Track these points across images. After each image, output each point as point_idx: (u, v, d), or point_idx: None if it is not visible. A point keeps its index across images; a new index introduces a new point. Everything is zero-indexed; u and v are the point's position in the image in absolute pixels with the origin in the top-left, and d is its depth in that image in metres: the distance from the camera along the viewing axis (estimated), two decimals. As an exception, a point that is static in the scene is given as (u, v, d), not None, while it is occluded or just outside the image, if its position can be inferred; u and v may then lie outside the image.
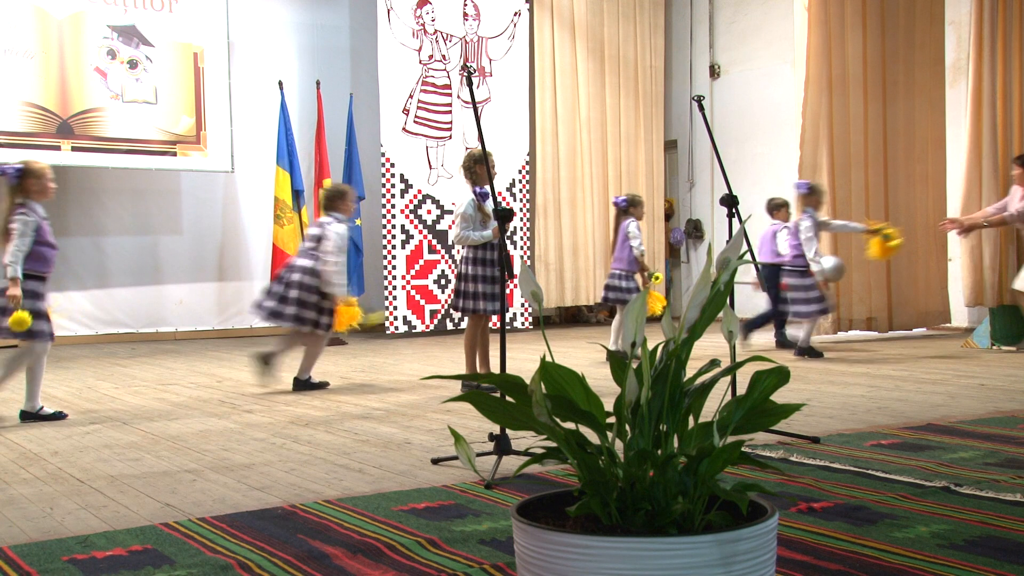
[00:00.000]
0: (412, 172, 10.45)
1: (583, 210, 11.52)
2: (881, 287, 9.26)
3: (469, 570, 2.47)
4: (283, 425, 4.90)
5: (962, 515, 2.89)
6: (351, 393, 6.09)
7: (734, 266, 1.85)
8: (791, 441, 4.11)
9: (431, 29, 10.57)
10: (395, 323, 10.31)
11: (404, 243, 10.39)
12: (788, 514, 2.92)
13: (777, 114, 11.25)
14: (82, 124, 9.32)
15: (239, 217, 10.77)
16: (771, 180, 11.11)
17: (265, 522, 2.98)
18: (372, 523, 2.94)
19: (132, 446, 4.39)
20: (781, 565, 2.38)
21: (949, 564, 2.44)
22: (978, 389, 5.78)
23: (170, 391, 6.30)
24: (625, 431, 1.78)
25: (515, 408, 1.79)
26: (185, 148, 9.86)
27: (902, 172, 9.39)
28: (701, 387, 1.82)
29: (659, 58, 12.17)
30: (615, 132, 11.76)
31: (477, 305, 5.78)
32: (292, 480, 3.64)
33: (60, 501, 3.37)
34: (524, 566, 1.72)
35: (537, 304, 1.90)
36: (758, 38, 11.74)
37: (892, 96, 9.29)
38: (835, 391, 5.76)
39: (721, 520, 1.71)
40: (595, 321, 12.39)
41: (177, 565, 2.56)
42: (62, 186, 10.02)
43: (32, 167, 5.16)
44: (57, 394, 6.19)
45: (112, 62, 9.46)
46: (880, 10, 9.23)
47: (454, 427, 3.26)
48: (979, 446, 3.99)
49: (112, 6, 9.44)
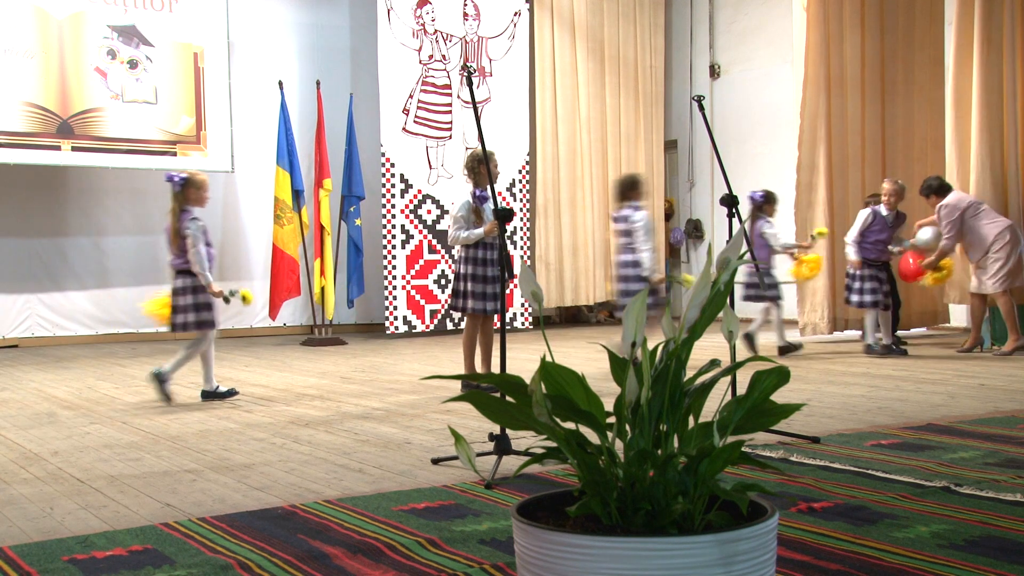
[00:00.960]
0: (412, 172, 10.45)
1: (583, 210, 11.52)
2: (881, 287, 9.25)
3: (469, 570, 2.47)
4: (283, 425, 4.90)
5: (962, 515, 2.89)
6: (351, 393, 6.09)
7: (734, 266, 1.85)
8: (791, 441, 4.11)
9: (431, 29, 10.57)
10: (395, 323, 10.31)
11: (404, 243, 10.39)
12: (788, 514, 2.92)
13: (777, 114, 11.24)
14: (82, 124, 9.32)
15: (239, 217, 10.77)
16: (771, 180, 11.10)
17: (265, 522, 2.98)
18: (372, 523, 2.94)
19: (132, 446, 4.39)
20: (781, 565, 2.38)
21: (949, 564, 2.44)
22: (978, 389, 5.78)
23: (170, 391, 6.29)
24: (625, 431, 1.78)
25: (515, 408, 1.79)
26: (185, 148, 9.86)
27: (901, 172, 9.37)
28: (701, 387, 1.82)
29: (659, 58, 12.17)
30: (615, 132, 11.76)
31: (467, 304, 5.82)
32: (292, 480, 3.64)
33: (60, 501, 3.37)
34: (524, 566, 1.72)
35: (537, 304, 1.90)
36: (758, 38, 11.74)
37: (891, 96, 9.29)
38: (835, 391, 5.76)
39: (721, 520, 1.71)
40: (595, 321, 12.39)
41: (177, 565, 2.56)
42: (62, 186, 10.08)
43: (195, 178, 5.75)
44: (57, 394, 6.19)
45: (112, 62, 9.45)
46: (879, 10, 9.23)
47: (454, 427, 3.26)
48: (979, 446, 3.99)
49: (112, 6, 9.43)
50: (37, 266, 9.87)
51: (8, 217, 9.68)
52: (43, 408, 5.61)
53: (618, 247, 6.60)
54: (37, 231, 9.86)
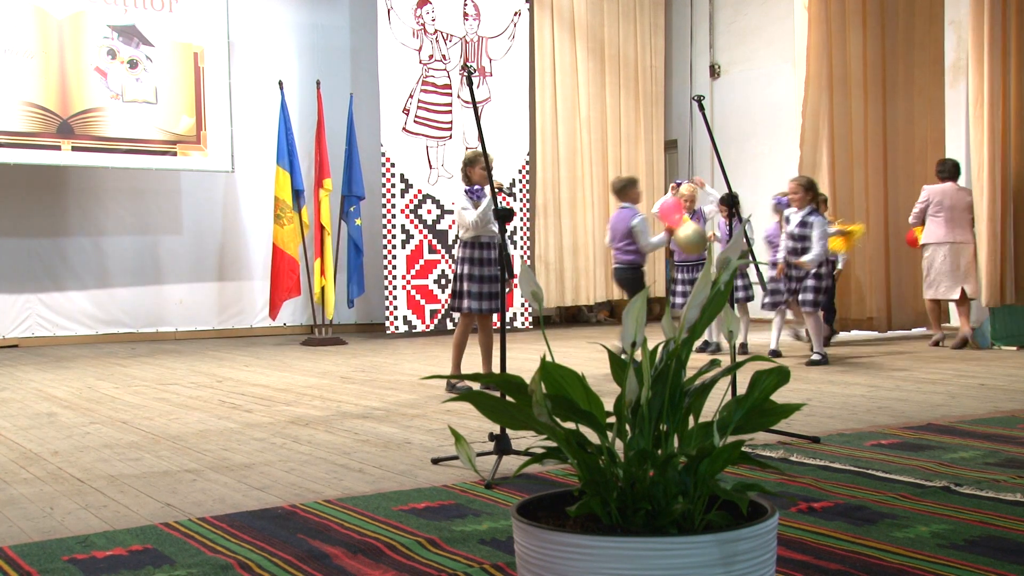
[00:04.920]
0: (412, 172, 10.45)
1: (583, 210, 11.52)
2: (880, 287, 9.27)
3: (469, 570, 2.47)
4: (283, 425, 4.90)
5: (962, 515, 2.89)
6: (351, 393, 6.09)
7: (734, 266, 1.85)
8: (791, 441, 4.11)
9: (431, 29, 10.57)
10: (395, 323, 10.31)
11: (404, 243, 10.38)
12: (788, 514, 2.92)
13: (777, 114, 11.24)
14: (82, 124, 9.32)
15: (239, 217, 10.77)
16: (771, 180, 11.11)
17: (265, 522, 2.98)
18: (372, 523, 2.94)
19: (132, 446, 4.39)
20: (781, 565, 2.38)
21: (949, 564, 2.44)
22: (978, 389, 5.78)
23: (170, 391, 6.30)
24: (625, 431, 1.78)
25: (515, 408, 1.79)
26: (185, 148, 9.86)
27: (902, 172, 9.39)
28: (701, 387, 1.82)
29: (659, 58, 12.17)
30: (615, 132, 11.76)
31: (463, 304, 5.84)
32: (292, 480, 3.64)
33: (60, 501, 3.37)
34: (524, 566, 1.72)
35: (537, 304, 1.90)
36: (758, 38, 11.74)
37: (892, 96, 9.29)
38: (835, 391, 5.76)
39: (721, 520, 1.71)
40: (595, 321, 12.39)
41: (177, 565, 2.56)
42: (62, 186, 10.08)
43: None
44: (57, 394, 6.20)
45: (112, 62, 9.45)
46: (880, 10, 9.23)
47: (454, 427, 3.26)
48: (979, 446, 3.99)
49: (112, 6, 9.43)
50: (37, 266, 9.87)
51: (8, 217, 9.68)
52: (43, 408, 5.61)
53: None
54: (37, 231, 9.86)
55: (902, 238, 9.29)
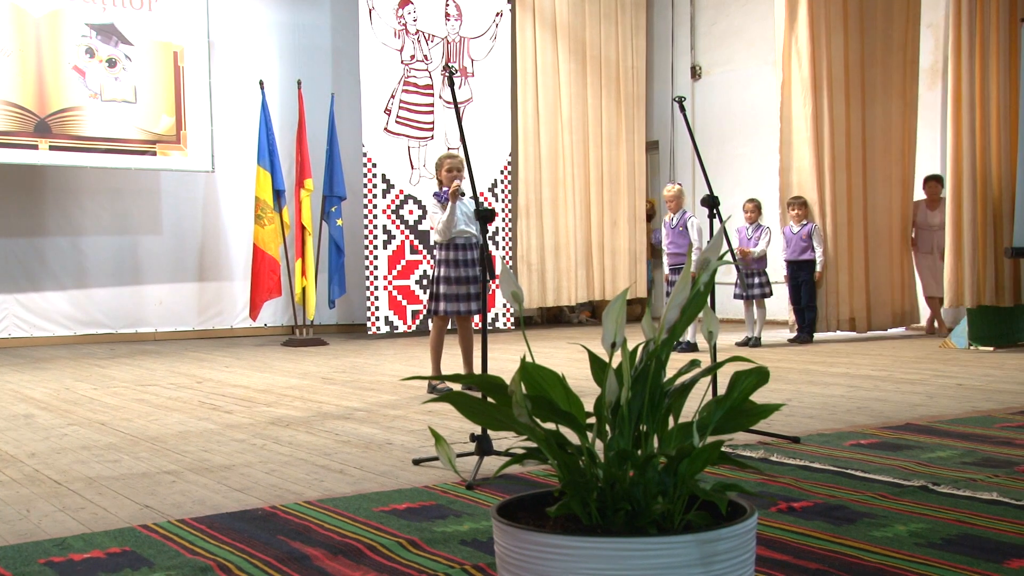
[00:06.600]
0: (394, 172, 10.43)
1: (565, 210, 11.53)
2: (861, 288, 9.34)
3: (450, 571, 2.47)
4: (263, 426, 4.88)
5: (940, 514, 2.92)
6: (332, 394, 6.07)
7: (714, 266, 1.85)
8: (771, 441, 4.13)
9: (413, 29, 10.55)
10: (377, 323, 10.29)
11: (386, 243, 10.36)
12: (768, 514, 2.93)
13: (758, 115, 11.30)
14: (60, 123, 9.25)
15: (219, 217, 10.72)
16: (752, 181, 11.17)
17: (245, 523, 2.97)
18: (353, 524, 2.93)
19: (111, 447, 4.36)
20: (761, 564, 2.39)
21: (927, 563, 2.46)
22: (956, 389, 5.83)
23: (149, 392, 6.26)
24: (605, 431, 1.78)
25: (496, 409, 1.79)
26: (165, 148, 9.80)
27: (880, 174, 9.45)
28: (681, 387, 1.82)
29: (640, 59, 12.21)
30: (597, 133, 11.78)
31: (439, 307, 5.83)
32: (272, 481, 3.62)
33: (37, 503, 3.34)
34: (504, 566, 1.71)
35: (517, 305, 1.90)
36: (739, 40, 11.80)
37: (870, 98, 9.36)
38: (815, 391, 5.79)
39: (701, 520, 1.72)
40: (577, 321, 12.40)
41: (156, 567, 2.54)
42: (40, 186, 10.00)
43: None
44: (34, 395, 6.14)
45: (91, 60, 9.39)
46: (859, 12, 9.30)
47: (435, 428, 3.25)
48: (957, 445, 4.03)
49: (90, 4, 9.37)
50: (14, 266, 9.78)
51: (-15, 217, 9.60)
52: (20, 409, 5.56)
53: None
54: (14, 231, 9.77)
55: (881, 239, 9.39)
